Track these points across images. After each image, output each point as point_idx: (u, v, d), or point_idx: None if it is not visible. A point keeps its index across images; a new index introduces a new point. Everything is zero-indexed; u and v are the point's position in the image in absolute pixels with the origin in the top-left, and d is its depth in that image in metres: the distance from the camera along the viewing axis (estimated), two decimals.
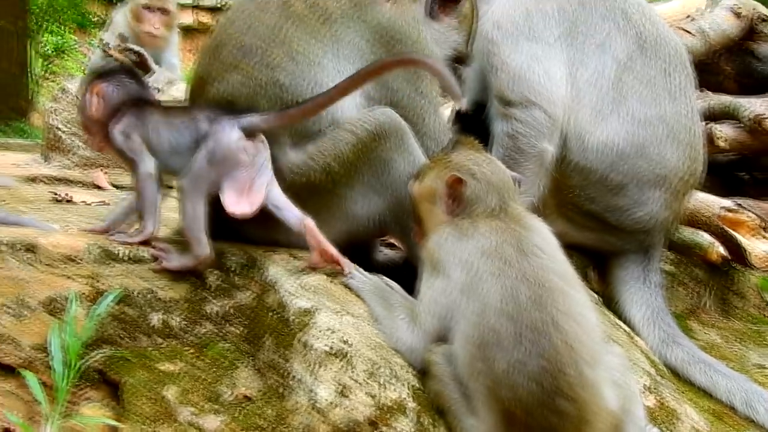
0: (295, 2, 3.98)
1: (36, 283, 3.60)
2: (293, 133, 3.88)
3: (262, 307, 3.59)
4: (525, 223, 3.43)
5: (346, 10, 4.00)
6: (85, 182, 8.19)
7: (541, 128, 4.24)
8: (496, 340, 3.09)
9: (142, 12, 9.61)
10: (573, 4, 4.42)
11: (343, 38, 3.97)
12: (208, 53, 4.08)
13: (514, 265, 3.23)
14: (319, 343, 3.21)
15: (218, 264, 3.70)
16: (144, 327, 3.62)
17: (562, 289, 3.23)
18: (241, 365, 3.54)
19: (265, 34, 3.94)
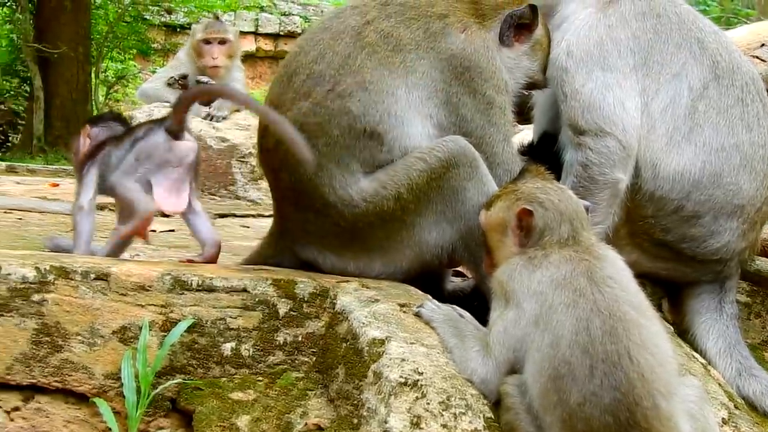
0: (368, 32, 4.04)
1: (108, 311, 3.68)
2: (364, 162, 3.94)
3: (333, 337, 3.63)
4: (597, 253, 3.45)
5: (419, 41, 4.06)
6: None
7: (614, 157, 4.24)
8: (569, 372, 3.11)
9: (201, 46, 9.75)
10: (647, 32, 4.42)
11: (415, 68, 4.02)
12: (280, 81, 4.16)
13: (586, 296, 3.25)
14: (392, 373, 3.24)
15: (289, 293, 3.75)
16: (216, 356, 3.68)
17: (635, 320, 3.24)
18: (313, 395, 3.58)
19: (337, 63, 4.01)
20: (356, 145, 3.94)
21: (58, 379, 3.66)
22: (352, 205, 3.91)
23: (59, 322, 3.66)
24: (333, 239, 4.03)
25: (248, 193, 9.31)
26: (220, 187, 9.35)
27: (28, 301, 3.67)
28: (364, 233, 3.97)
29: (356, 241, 4.00)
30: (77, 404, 3.69)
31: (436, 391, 3.19)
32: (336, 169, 3.93)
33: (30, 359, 3.65)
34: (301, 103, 4.01)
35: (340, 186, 3.93)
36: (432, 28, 4.10)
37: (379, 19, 4.10)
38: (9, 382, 3.66)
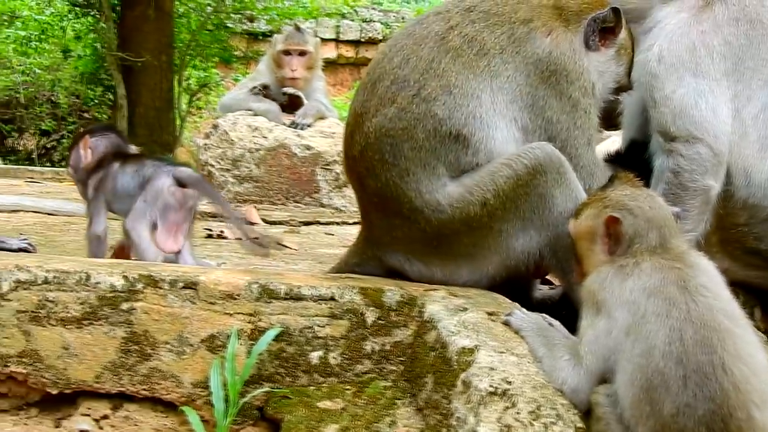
0: (452, 37, 4.05)
1: (197, 320, 3.73)
2: (449, 165, 3.94)
3: (421, 346, 3.64)
4: (688, 260, 3.40)
5: (503, 45, 4.06)
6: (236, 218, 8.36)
7: (706, 164, 4.20)
8: (662, 383, 3.07)
9: (281, 57, 9.82)
10: (740, 38, 4.37)
11: (500, 72, 4.03)
12: (365, 89, 4.18)
13: (679, 305, 3.21)
14: (481, 382, 3.23)
15: (377, 302, 3.76)
16: (303, 365, 3.71)
17: (729, 330, 3.19)
18: (401, 404, 3.59)
19: (421, 67, 4.03)
20: (441, 149, 3.95)
21: (147, 387, 3.71)
22: (438, 210, 3.92)
23: (148, 331, 3.72)
24: (419, 246, 4.04)
25: (332, 201, 9.36)
26: (305, 195, 9.40)
27: (116, 309, 3.73)
28: (451, 239, 3.97)
29: (443, 247, 4.01)
30: (165, 412, 3.74)
31: (526, 401, 3.17)
32: (422, 173, 3.95)
33: (119, 367, 3.71)
34: (386, 109, 4.03)
35: (426, 190, 3.94)
36: (517, 34, 4.10)
37: (463, 25, 4.11)
38: (98, 390, 3.73)
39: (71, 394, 3.76)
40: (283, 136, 9.42)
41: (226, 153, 9.42)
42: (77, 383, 3.73)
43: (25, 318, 3.74)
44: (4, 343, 3.73)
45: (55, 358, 3.73)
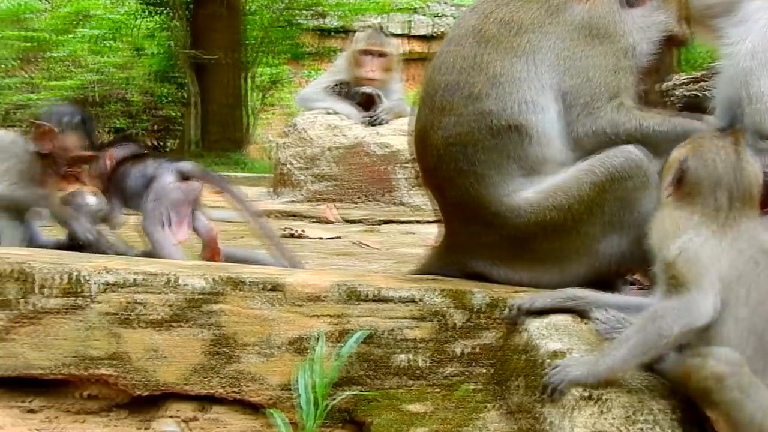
0: (487, 26, 4.02)
1: (282, 322, 3.75)
2: (517, 159, 3.91)
3: (510, 348, 3.61)
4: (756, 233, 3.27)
5: (541, 19, 4.01)
6: (315, 216, 8.40)
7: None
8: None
9: (360, 56, 9.81)
10: None
11: (540, 46, 3.97)
12: (424, 105, 4.17)
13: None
14: None
15: (464, 304, 3.75)
16: (391, 367, 3.70)
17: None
18: (490, 407, 3.57)
19: (466, 67, 4.00)
20: (505, 144, 3.91)
21: (234, 389, 3.74)
22: (519, 215, 3.89)
23: (235, 333, 3.74)
24: (503, 251, 4.01)
25: (411, 199, 9.33)
26: (383, 193, 9.39)
27: (203, 311, 3.76)
28: (535, 244, 3.94)
29: (527, 251, 3.98)
30: (252, 414, 3.76)
31: (621, 405, 3.13)
32: (496, 175, 3.92)
33: (206, 369, 3.75)
34: (445, 120, 4.00)
35: (504, 194, 3.92)
36: (552, 5, 4.04)
37: (497, 11, 4.06)
38: (185, 392, 3.77)
39: (159, 396, 3.80)
40: (361, 135, 9.42)
41: (304, 151, 9.44)
42: (165, 385, 3.77)
43: (114, 320, 3.79)
44: (93, 346, 3.79)
45: (144, 360, 3.77)
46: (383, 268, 5.40)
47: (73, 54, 24.36)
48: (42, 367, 3.83)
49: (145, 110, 24.55)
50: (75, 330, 3.81)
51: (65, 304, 3.83)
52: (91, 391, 3.85)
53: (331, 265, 5.36)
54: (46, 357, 3.82)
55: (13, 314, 3.86)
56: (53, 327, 3.82)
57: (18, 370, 3.86)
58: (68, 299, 3.83)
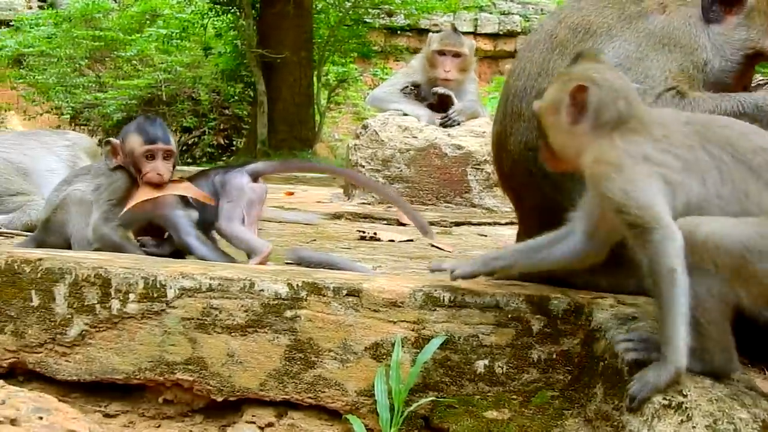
0: (559, 31, 4.01)
1: (361, 328, 3.76)
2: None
3: (589, 355, 3.60)
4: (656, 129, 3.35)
5: (610, 24, 3.98)
6: (388, 218, 8.41)
7: None
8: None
9: (435, 57, 9.82)
10: None
11: (602, 49, 3.92)
12: (500, 109, 4.18)
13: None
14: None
15: (543, 309, 3.74)
16: (469, 373, 3.71)
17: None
18: (569, 414, 3.57)
19: (534, 72, 3.99)
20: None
21: (312, 395, 3.76)
22: None
23: (312, 339, 3.76)
24: None
25: (484, 201, 9.32)
26: (455, 195, 9.38)
27: (281, 317, 3.79)
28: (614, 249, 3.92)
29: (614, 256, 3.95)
30: (330, 420, 3.78)
31: (702, 414, 3.10)
32: (570, 181, 3.87)
33: (283, 375, 3.77)
34: (518, 124, 4.00)
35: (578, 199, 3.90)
36: (627, 12, 4.02)
37: (570, 16, 4.06)
38: (263, 398, 3.80)
39: (236, 401, 3.83)
40: (433, 136, 9.42)
41: (376, 153, 9.46)
42: (242, 391, 3.80)
43: (191, 325, 3.83)
44: (170, 351, 3.83)
45: (220, 365, 3.80)
46: None
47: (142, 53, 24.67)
48: (120, 371, 3.88)
49: (212, 109, 24.80)
50: (152, 335, 3.85)
51: (142, 309, 3.87)
52: (167, 396, 3.88)
53: (406, 268, 5.35)
54: (123, 362, 3.87)
55: (91, 319, 3.91)
56: (131, 332, 3.87)
57: (95, 374, 3.91)
58: (146, 304, 3.87)
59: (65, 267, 3.95)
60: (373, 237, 6.98)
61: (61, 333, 3.92)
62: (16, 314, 3.96)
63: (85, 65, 25.74)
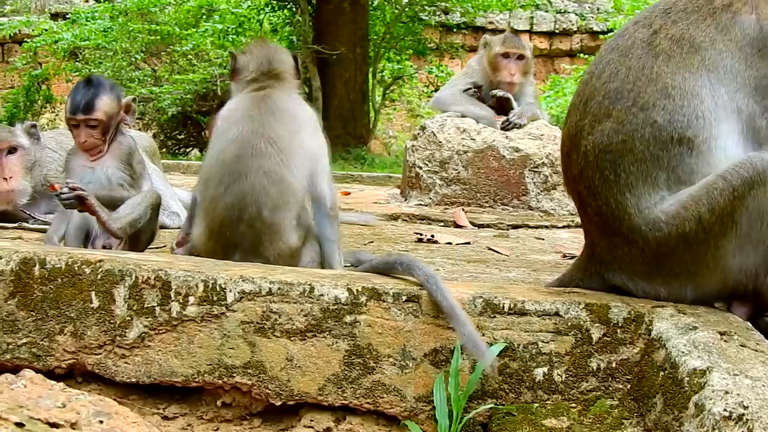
0: (659, 41, 4.00)
1: (419, 334, 3.79)
2: (672, 171, 3.88)
3: (649, 364, 3.61)
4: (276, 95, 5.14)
5: (713, 37, 3.97)
6: (445, 220, 8.45)
7: None
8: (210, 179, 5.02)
9: (499, 60, 9.86)
10: None
11: (716, 65, 3.93)
12: (576, 109, 4.16)
13: (241, 125, 4.98)
14: (715, 406, 3.17)
15: (602, 318, 3.76)
16: (527, 381, 3.73)
17: (264, 151, 4.87)
18: (628, 423, 3.58)
19: (633, 76, 3.98)
20: (664, 155, 3.88)
21: (370, 400, 3.80)
22: (655, 228, 3.86)
23: (371, 344, 3.80)
24: (641, 265, 3.98)
25: (541, 204, 9.36)
26: (513, 198, 9.42)
27: (340, 322, 3.83)
28: (671, 257, 3.91)
29: (664, 266, 3.94)
30: (387, 426, 3.81)
31: (763, 427, 3.09)
32: (643, 186, 3.90)
33: (342, 380, 3.81)
34: (602, 125, 3.99)
35: (645, 206, 3.90)
36: (722, 22, 4.00)
37: (666, 27, 4.04)
38: (321, 403, 3.83)
39: (294, 405, 3.87)
40: (491, 138, 9.46)
41: (433, 155, 9.52)
42: (300, 395, 3.84)
43: (250, 329, 3.87)
44: (229, 354, 3.88)
45: (279, 369, 3.85)
46: (517, 276, 5.42)
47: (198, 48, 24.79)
48: (178, 374, 3.93)
49: None
50: (211, 338, 3.90)
51: (202, 312, 3.92)
52: (226, 400, 3.93)
53: (465, 272, 5.39)
54: (182, 365, 3.92)
55: (151, 321, 3.97)
56: (190, 335, 3.92)
57: (154, 376, 3.97)
58: (205, 307, 3.92)
59: (125, 269, 4.01)
60: (430, 239, 7.02)
61: (121, 335, 3.97)
62: (76, 315, 4.02)
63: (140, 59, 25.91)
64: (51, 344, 4.02)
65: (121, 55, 25.30)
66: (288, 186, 4.89)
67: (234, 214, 4.86)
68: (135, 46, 25.39)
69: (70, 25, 26.97)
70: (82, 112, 5.36)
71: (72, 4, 29.23)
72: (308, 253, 5.04)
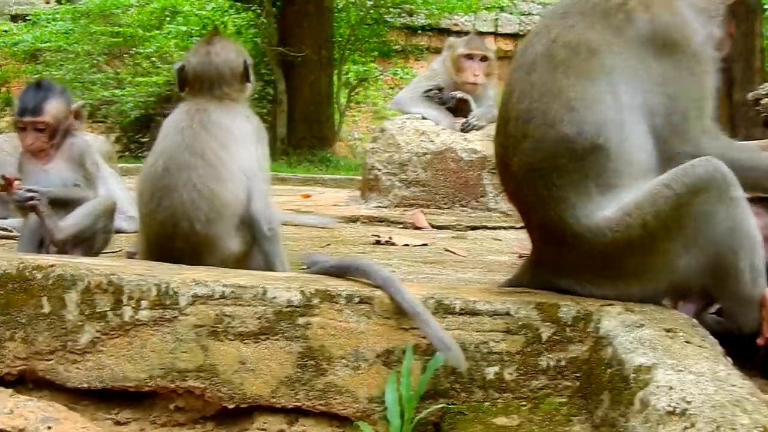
0: (556, 50, 4.02)
1: (372, 335, 3.83)
2: (596, 177, 3.93)
3: (597, 362, 3.66)
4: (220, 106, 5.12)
5: (609, 38, 4.01)
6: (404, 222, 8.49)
7: None
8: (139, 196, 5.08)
9: (462, 61, 9.91)
10: None
11: (614, 66, 3.97)
12: (500, 132, 4.22)
13: (174, 137, 4.96)
14: (659, 401, 3.21)
15: (552, 317, 3.81)
16: (479, 380, 3.77)
17: (193, 165, 4.89)
18: (577, 420, 3.63)
19: (538, 93, 4.00)
20: (585, 165, 3.93)
21: (323, 402, 3.83)
22: (600, 234, 3.90)
23: (324, 346, 3.84)
24: (587, 270, 4.04)
25: (499, 205, 9.40)
26: (471, 199, 9.47)
27: (293, 324, 3.86)
28: (616, 261, 3.96)
29: (610, 269, 4.00)
30: (340, 427, 3.84)
31: (706, 421, 3.13)
32: (576, 197, 3.94)
33: (295, 382, 3.84)
34: (523, 145, 4.03)
35: (584, 215, 3.94)
36: (616, 22, 4.03)
37: (563, 34, 4.06)
38: (274, 405, 3.86)
39: (247, 408, 3.89)
40: (450, 140, 9.51)
41: (392, 157, 9.56)
42: (253, 398, 3.87)
43: (203, 332, 3.90)
44: (182, 358, 3.90)
45: (232, 372, 3.88)
46: (472, 277, 5.46)
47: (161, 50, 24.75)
48: (131, 379, 3.96)
49: None
50: (164, 342, 3.93)
51: (154, 316, 3.95)
52: (179, 403, 3.95)
53: (420, 273, 5.43)
54: (134, 369, 3.95)
55: (102, 326, 3.99)
56: (142, 339, 3.95)
57: (106, 382, 3.98)
58: (158, 311, 3.95)
59: (77, 274, 4.03)
60: (388, 242, 7.05)
61: (72, 340, 3.99)
62: (27, 321, 4.03)
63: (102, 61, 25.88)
64: (1, 351, 4.05)
65: (82, 58, 25.27)
66: (219, 199, 4.93)
67: (168, 229, 4.92)
68: (97, 49, 25.35)
69: (30, 27, 26.91)
70: (30, 115, 5.38)
71: (32, 6, 29.10)
72: (258, 255, 5.08)
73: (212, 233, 4.90)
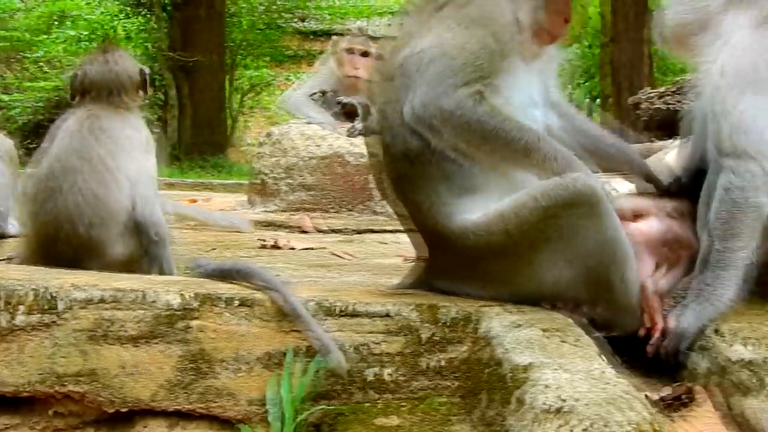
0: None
1: (253, 337, 3.83)
2: (442, 178, 4.01)
3: (476, 362, 3.71)
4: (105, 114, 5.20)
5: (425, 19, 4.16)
6: (291, 226, 8.49)
7: (757, 182, 4.11)
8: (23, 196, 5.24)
9: (344, 56, 9.98)
10: None
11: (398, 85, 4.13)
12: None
13: (64, 141, 5.05)
14: (535, 399, 3.27)
15: (432, 318, 3.84)
16: (359, 381, 3.79)
17: (79, 169, 4.95)
18: (456, 420, 3.66)
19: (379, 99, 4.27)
20: (420, 170, 4.05)
21: (203, 405, 3.82)
22: (464, 237, 3.97)
23: (204, 349, 3.83)
24: (459, 271, 4.11)
25: (386, 208, 9.40)
26: (358, 203, 9.50)
27: (172, 327, 3.85)
28: (483, 264, 4.03)
29: (477, 271, 4.07)
30: (222, 430, 3.83)
31: (579, 418, 3.18)
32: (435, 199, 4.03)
33: (175, 386, 3.83)
34: (380, 158, 4.21)
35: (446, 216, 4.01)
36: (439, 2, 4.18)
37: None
38: (155, 409, 3.84)
39: (128, 412, 3.87)
40: (336, 145, 9.54)
41: (279, 161, 9.56)
42: (133, 402, 3.84)
43: (82, 337, 3.86)
44: (60, 363, 3.86)
45: (112, 377, 3.85)
46: (357, 280, 5.47)
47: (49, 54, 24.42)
48: (8, 384, 3.90)
49: None
50: (42, 347, 3.88)
51: (32, 321, 3.90)
52: (58, 409, 3.90)
53: (305, 277, 5.44)
54: (11, 375, 3.89)
55: None
56: (20, 344, 3.90)
57: None
58: (35, 316, 3.91)
59: None
60: (273, 245, 7.05)
61: None
62: None
63: None
64: None
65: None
66: (104, 204, 4.95)
67: (51, 232, 4.94)
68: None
69: None
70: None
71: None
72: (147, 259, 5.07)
73: (96, 237, 4.88)
